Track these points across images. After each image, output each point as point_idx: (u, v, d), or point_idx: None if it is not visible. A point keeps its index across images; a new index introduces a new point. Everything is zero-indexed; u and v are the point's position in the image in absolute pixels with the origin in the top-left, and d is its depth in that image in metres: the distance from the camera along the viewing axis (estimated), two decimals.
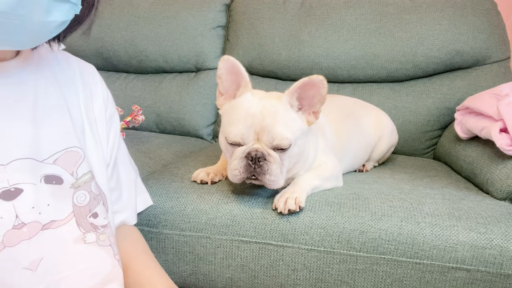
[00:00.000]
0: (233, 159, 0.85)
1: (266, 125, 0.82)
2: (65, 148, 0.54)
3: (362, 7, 1.56)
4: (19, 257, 0.46)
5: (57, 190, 0.51)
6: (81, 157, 0.55)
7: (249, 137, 0.83)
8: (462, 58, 1.50)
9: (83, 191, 0.54)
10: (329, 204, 0.91)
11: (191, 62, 1.71)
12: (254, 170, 0.82)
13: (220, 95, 0.92)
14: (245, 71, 0.87)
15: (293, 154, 0.88)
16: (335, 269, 0.87)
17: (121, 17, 1.73)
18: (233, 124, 0.85)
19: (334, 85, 1.61)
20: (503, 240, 0.81)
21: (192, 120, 1.66)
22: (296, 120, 0.87)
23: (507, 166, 0.98)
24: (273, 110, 0.83)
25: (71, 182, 0.53)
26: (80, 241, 0.52)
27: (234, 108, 0.87)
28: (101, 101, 0.63)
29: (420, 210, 0.89)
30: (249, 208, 0.91)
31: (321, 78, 0.81)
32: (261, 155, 0.82)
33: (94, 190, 0.56)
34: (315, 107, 0.87)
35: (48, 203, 0.50)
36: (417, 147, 1.53)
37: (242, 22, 1.68)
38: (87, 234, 0.53)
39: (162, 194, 0.97)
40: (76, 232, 0.52)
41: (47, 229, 0.49)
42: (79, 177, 0.54)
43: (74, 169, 0.54)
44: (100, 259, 0.54)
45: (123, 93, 1.72)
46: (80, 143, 0.56)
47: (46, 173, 0.50)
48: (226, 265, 0.92)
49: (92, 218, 0.54)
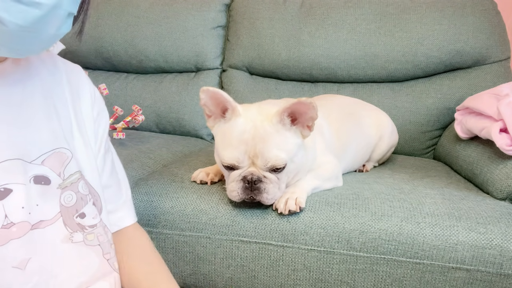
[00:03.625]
0: (229, 181, 0.87)
1: (259, 150, 0.83)
2: (52, 149, 0.54)
3: (362, 7, 1.56)
4: (8, 256, 0.47)
5: (45, 191, 0.52)
6: (68, 157, 0.56)
7: (244, 161, 0.84)
8: (462, 58, 1.50)
9: (70, 192, 0.55)
10: (329, 204, 0.91)
11: (191, 62, 1.71)
12: (251, 191, 0.85)
13: (208, 117, 0.92)
14: (228, 96, 0.85)
15: (291, 170, 0.88)
16: (335, 269, 0.87)
17: (121, 17, 1.73)
18: (227, 149, 0.86)
19: (334, 85, 1.61)
20: (503, 240, 0.81)
21: (192, 120, 1.66)
22: (289, 139, 0.86)
23: (507, 166, 0.98)
24: (265, 134, 0.83)
25: (58, 183, 0.53)
26: (67, 240, 0.53)
27: (226, 132, 0.87)
28: (88, 100, 0.64)
29: (420, 210, 0.89)
30: (249, 208, 0.91)
31: (310, 100, 0.81)
32: (256, 178, 0.84)
33: (82, 191, 0.56)
34: (308, 122, 0.87)
35: (37, 203, 0.51)
36: (417, 147, 1.53)
37: (242, 22, 1.68)
38: (74, 234, 0.54)
39: (162, 194, 0.97)
40: (63, 231, 0.53)
41: (35, 228, 0.50)
42: (66, 177, 0.55)
43: (61, 169, 0.55)
44: (87, 258, 0.55)
45: (123, 93, 1.72)
46: (68, 144, 0.57)
47: (35, 174, 0.51)
48: (226, 265, 0.92)
49: (79, 218, 0.55)
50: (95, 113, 0.65)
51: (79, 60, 1.63)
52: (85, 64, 1.77)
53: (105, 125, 0.67)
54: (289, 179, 0.91)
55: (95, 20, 1.74)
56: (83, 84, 0.65)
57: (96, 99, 0.66)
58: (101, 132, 0.66)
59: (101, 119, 0.67)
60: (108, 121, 0.69)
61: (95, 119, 0.65)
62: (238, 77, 1.68)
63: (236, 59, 1.69)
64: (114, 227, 0.66)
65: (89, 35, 1.73)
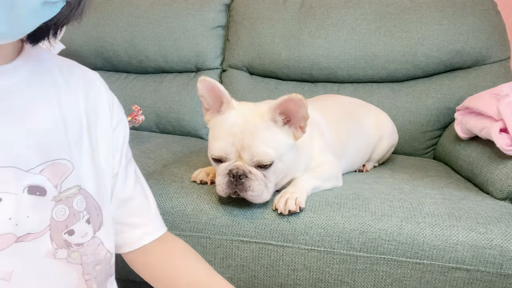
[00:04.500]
0: (217, 174, 0.87)
1: (246, 143, 0.83)
2: (53, 159, 0.52)
3: (362, 7, 1.56)
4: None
5: (39, 202, 0.49)
6: (69, 169, 0.53)
7: (231, 154, 0.84)
8: (462, 58, 1.50)
9: (63, 206, 0.52)
10: (329, 204, 0.91)
11: (191, 62, 1.71)
12: (236, 186, 0.84)
13: (206, 111, 0.92)
14: (224, 89, 0.86)
15: (279, 170, 0.87)
16: (335, 269, 0.87)
17: (121, 17, 1.73)
18: (216, 140, 0.86)
19: (334, 85, 1.61)
20: (503, 240, 0.81)
21: (192, 120, 1.66)
22: (279, 136, 0.86)
23: (507, 166, 0.98)
24: (253, 129, 0.83)
25: (53, 195, 0.51)
26: (50, 256, 0.51)
27: (218, 125, 0.88)
28: (107, 111, 0.61)
29: (420, 210, 0.89)
30: (249, 208, 0.91)
31: (299, 97, 0.80)
32: (242, 172, 0.83)
33: (76, 207, 0.53)
34: (300, 122, 0.86)
35: (28, 215, 0.48)
36: (417, 147, 1.53)
37: (242, 22, 1.68)
38: (58, 250, 0.51)
39: (162, 194, 0.97)
40: (48, 246, 0.50)
41: (21, 241, 0.48)
42: (63, 190, 0.52)
43: (59, 182, 0.52)
44: (67, 275, 0.53)
45: (123, 93, 1.72)
46: (71, 155, 0.54)
47: (30, 183, 0.49)
48: (226, 265, 0.92)
49: (67, 235, 0.52)
50: (114, 123, 0.62)
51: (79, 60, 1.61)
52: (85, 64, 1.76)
53: (124, 134, 0.65)
54: (278, 179, 0.90)
55: (95, 20, 1.74)
56: (101, 93, 0.62)
57: (115, 108, 0.64)
58: (121, 142, 0.63)
59: (121, 128, 0.64)
60: (128, 130, 0.67)
61: (114, 128, 0.62)
62: (238, 77, 1.68)
63: (236, 59, 1.69)
64: (148, 238, 0.66)
65: (89, 35, 1.73)
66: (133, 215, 0.66)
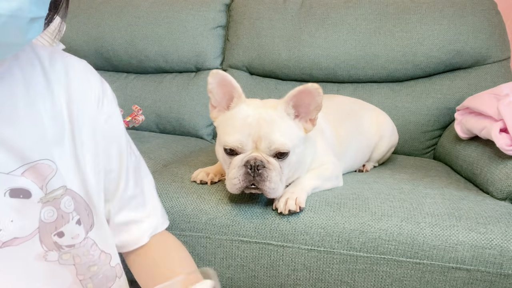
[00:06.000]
0: (231, 168, 0.84)
1: (264, 133, 0.82)
2: (35, 160, 0.49)
3: (362, 7, 1.56)
4: None
5: (24, 205, 0.48)
6: (53, 170, 0.51)
7: (247, 145, 0.83)
8: (462, 58, 1.50)
9: (51, 207, 0.50)
10: (329, 204, 0.91)
11: (191, 62, 1.71)
12: (253, 178, 0.81)
13: (213, 108, 0.91)
14: (236, 83, 0.86)
15: (292, 162, 0.87)
16: (335, 269, 0.87)
17: (121, 17, 1.73)
18: (230, 133, 0.84)
19: (334, 85, 1.61)
20: (503, 240, 0.81)
21: (192, 120, 1.66)
22: (293, 128, 0.86)
23: (507, 166, 0.98)
24: (269, 118, 0.83)
25: (39, 196, 0.49)
26: (41, 258, 0.50)
27: (229, 119, 0.87)
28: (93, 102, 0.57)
29: (420, 210, 0.89)
30: (249, 208, 0.91)
31: (316, 86, 0.81)
32: (260, 162, 0.81)
33: (64, 208, 0.52)
34: (312, 114, 0.87)
35: (12, 219, 0.47)
36: (417, 147, 1.53)
37: (242, 22, 1.68)
38: (49, 252, 0.50)
39: (162, 194, 0.97)
40: (38, 249, 0.49)
41: (7, 246, 0.47)
42: (49, 191, 0.50)
43: (44, 183, 0.50)
44: (60, 277, 0.52)
45: (123, 93, 1.72)
46: (53, 155, 0.51)
47: (12, 186, 0.47)
48: (226, 265, 0.92)
49: (57, 236, 0.51)
50: (105, 114, 0.59)
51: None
52: None
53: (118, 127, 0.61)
54: (290, 174, 0.90)
55: (95, 20, 1.74)
56: (86, 83, 0.57)
57: (107, 98, 0.60)
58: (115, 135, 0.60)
59: (113, 120, 0.60)
60: (122, 124, 0.63)
61: (106, 120, 0.58)
62: (238, 77, 1.68)
63: (236, 59, 1.69)
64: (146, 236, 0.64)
65: (89, 35, 1.74)
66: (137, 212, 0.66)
